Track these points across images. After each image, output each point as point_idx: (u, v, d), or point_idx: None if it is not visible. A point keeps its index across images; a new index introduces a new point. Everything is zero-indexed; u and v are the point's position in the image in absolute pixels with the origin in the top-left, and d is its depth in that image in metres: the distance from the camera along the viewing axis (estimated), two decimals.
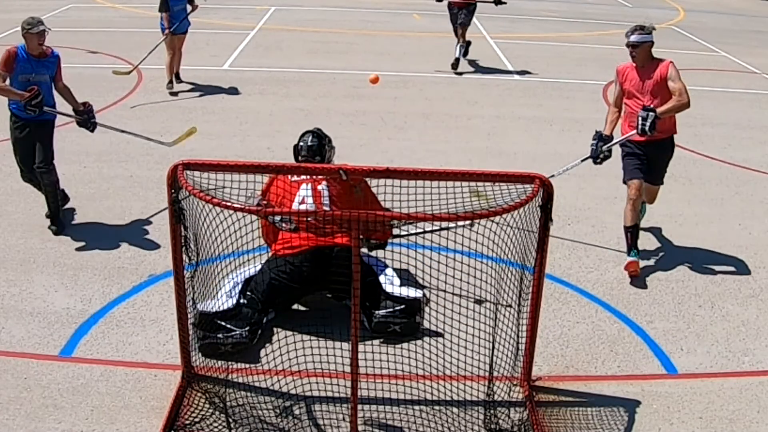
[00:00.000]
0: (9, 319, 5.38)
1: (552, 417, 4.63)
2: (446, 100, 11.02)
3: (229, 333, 4.99)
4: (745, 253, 6.80)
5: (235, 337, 4.99)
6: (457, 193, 4.15)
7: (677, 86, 6.01)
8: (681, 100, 5.99)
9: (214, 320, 5.00)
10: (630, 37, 6.12)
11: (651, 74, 6.12)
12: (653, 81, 6.10)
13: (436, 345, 4.85)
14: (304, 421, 4.48)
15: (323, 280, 5.26)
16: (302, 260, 5.26)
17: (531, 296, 4.53)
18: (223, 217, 4.20)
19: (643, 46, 6.10)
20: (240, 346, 5.01)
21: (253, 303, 5.20)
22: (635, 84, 6.19)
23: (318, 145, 5.69)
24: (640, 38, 6.08)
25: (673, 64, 6.09)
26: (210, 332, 4.96)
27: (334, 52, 13.63)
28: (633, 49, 6.13)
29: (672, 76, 6.04)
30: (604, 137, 6.31)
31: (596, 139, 6.32)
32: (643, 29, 6.10)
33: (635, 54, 6.13)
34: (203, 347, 4.93)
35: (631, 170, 6.27)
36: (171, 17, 10.55)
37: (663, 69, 6.09)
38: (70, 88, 6.79)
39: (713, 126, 10.32)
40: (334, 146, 5.89)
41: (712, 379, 5.05)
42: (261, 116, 9.98)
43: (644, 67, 6.16)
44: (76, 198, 7.33)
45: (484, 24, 16.70)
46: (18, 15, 15.54)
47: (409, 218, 4.44)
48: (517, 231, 4.50)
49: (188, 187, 4.01)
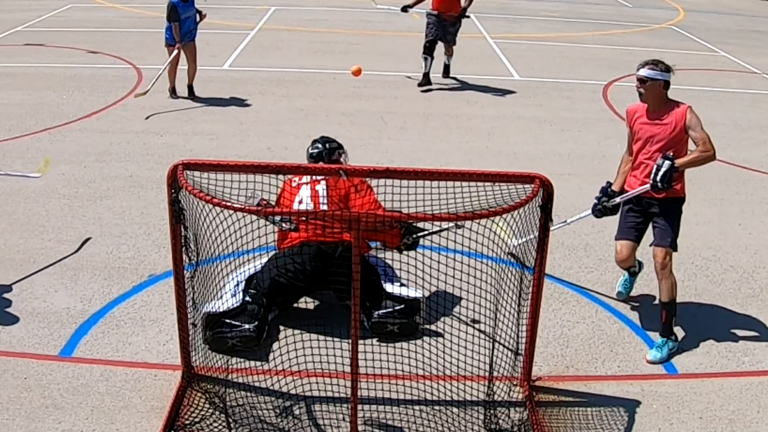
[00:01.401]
0: (9, 319, 5.38)
1: (552, 417, 4.63)
2: (446, 100, 11.02)
3: (237, 328, 5.02)
4: (745, 253, 6.81)
5: (243, 331, 5.01)
6: (457, 193, 4.15)
7: (700, 136, 5.08)
8: (706, 151, 5.05)
9: (221, 319, 5.03)
10: (639, 71, 5.17)
11: (665, 120, 5.18)
12: (667, 129, 5.18)
13: (436, 345, 4.85)
14: (304, 421, 4.48)
15: (326, 279, 5.26)
16: (305, 257, 5.26)
17: (531, 296, 4.53)
18: (223, 217, 4.20)
19: (654, 84, 5.14)
20: (247, 340, 5.02)
21: (257, 299, 5.21)
22: (645, 130, 5.27)
23: (319, 153, 5.71)
24: (650, 74, 5.13)
25: (691, 109, 5.18)
26: (218, 332, 4.99)
27: (334, 52, 13.63)
28: (641, 85, 5.18)
29: (692, 124, 5.11)
30: (609, 192, 5.45)
31: (601, 193, 5.47)
32: (657, 65, 5.15)
33: (643, 91, 5.19)
34: (212, 341, 4.96)
35: (622, 228, 5.50)
36: (180, 27, 10.03)
37: (679, 116, 5.16)
38: None
39: (713, 126, 10.23)
40: (345, 151, 5.85)
41: (712, 379, 5.05)
42: (261, 116, 9.98)
43: (656, 111, 5.23)
44: (76, 198, 7.34)
45: (484, 24, 16.71)
46: (18, 15, 15.63)
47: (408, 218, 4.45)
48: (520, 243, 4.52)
49: (188, 187, 4.01)
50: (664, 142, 5.17)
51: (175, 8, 9.98)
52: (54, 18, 15.79)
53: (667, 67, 5.16)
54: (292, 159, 5.85)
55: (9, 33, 14.14)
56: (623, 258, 5.48)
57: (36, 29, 14.53)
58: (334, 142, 5.83)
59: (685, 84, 12.38)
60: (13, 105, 10.04)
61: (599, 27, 17.59)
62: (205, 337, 4.96)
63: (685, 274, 6.37)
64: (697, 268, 6.51)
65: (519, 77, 12.52)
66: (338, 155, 5.76)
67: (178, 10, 9.98)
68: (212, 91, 10.88)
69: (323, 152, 5.71)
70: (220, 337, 4.97)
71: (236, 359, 4.78)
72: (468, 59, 13.09)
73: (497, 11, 18.95)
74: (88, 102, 10.23)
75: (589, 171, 8.48)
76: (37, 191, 7.42)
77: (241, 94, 10.90)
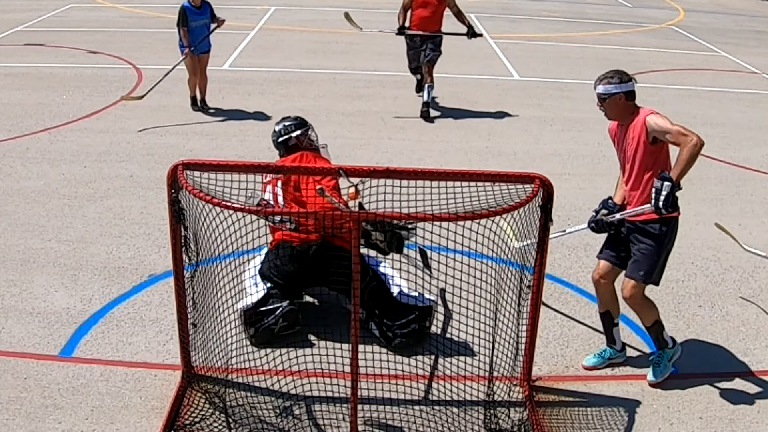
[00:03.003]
0: (9, 319, 5.38)
1: (552, 417, 4.63)
2: (446, 100, 11.01)
3: (275, 312, 5.10)
4: (745, 253, 6.79)
5: (283, 309, 5.11)
6: (457, 193, 4.15)
7: (673, 133, 4.44)
8: (687, 141, 4.36)
9: (257, 310, 5.12)
10: (597, 88, 4.67)
11: (629, 134, 4.67)
12: (632, 143, 4.65)
13: (436, 345, 4.85)
14: (304, 421, 4.48)
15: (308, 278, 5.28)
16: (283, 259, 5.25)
17: (531, 296, 4.53)
18: (223, 217, 4.20)
19: (614, 99, 4.62)
20: (289, 314, 5.12)
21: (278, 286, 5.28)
22: (619, 146, 4.82)
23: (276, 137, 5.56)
24: (607, 89, 4.62)
25: (651, 115, 4.56)
26: (258, 321, 5.09)
27: (334, 52, 13.63)
28: (601, 104, 4.69)
29: (656, 129, 4.50)
30: (609, 205, 4.91)
31: (601, 206, 4.94)
32: (612, 78, 4.64)
33: (603, 109, 4.71)
34: (259, 336, 5.08)
35: (603, 246, 5.02)
36: (190, 34, 9.54)
37: (639, 129, 4.59)
38: None
39: (713, 126, 10.32)
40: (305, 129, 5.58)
41: (712, 379, 5.05)
42: (261, 116, 9.98)
43: (624, 126, 4.72)
44: (76, 198, 7.34)
45: (484, 24, 16.70)
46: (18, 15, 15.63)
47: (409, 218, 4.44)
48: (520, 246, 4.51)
49: (188, 187, 4.01)
50: (639, 160, 4.65)
51: (185, 12, 9.58)
52: (54, 18, 15.79)
53: (624, 78, 4.64)
54: None
55: (9, 33, 14.14)
56: (598, 278, 4.94)
57: (36, 29, 14.54)
58: (286, 124, 5.55)
59: (685, 84, 12.39)
60: (13, 105, 10.05)
61: (599, 27, 17.59)
62: (248, 334, 5.09)
63: (685, 274, 6.37)
64: (697, 268, 6.51)
65: (519, 77, 12.52)
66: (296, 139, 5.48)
67: (187, 16, 9.57)
68: (212, 91, 10.86)
69: (278, 138, 5.53)
70: (264, 329, 5.08)
71: (236, 359, 4.78)
72: (468, 59, 13.10)
73: (497, 11, 18.96)
74: (88, 102, 10.24)
75: (589, 171, 8.49)
76: (37, 191, 7.42)
77: (241, 94, 10.90)
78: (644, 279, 4.71)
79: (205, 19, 9.71)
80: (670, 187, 4.30)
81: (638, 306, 4.82)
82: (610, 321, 5.07)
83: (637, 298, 4.76)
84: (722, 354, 5.33)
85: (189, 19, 9.53)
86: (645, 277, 4.71)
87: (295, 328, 5.17)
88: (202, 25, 9.69)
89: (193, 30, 9.58)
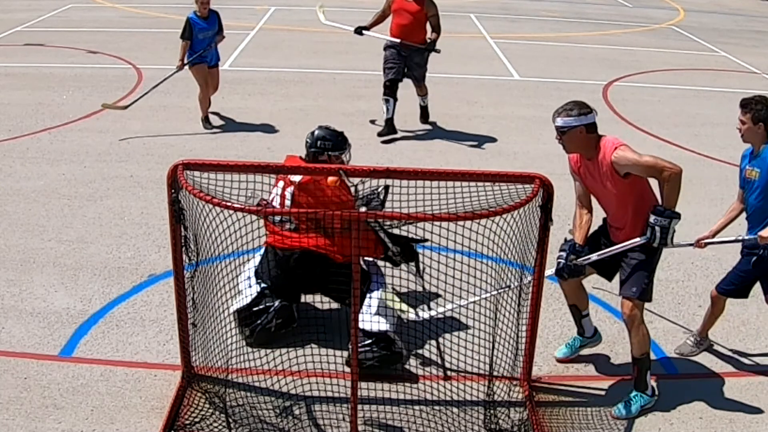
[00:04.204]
0: (9, 319, 5.38)
1: (552, 417, 4.63)
2: (446, 100, 11.01)
3: (269, 310, 5.10)
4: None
5: (276, 306, 5.10)
6: (457, 193, 4.15)
7: (646, 167, 4.30)
8: (666, 176, 4.26)
9: (251, 310, 5.12)
10: (555, 120, 4.44)
11: (598, 169, 4.47)
12: (605, 179, 4.46)
13: (436, 345, 4.85)
14: (304, 421, 4.48)
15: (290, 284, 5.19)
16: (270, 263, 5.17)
17: (531, 296, 4.53)
18: (223, 217, 4.20)
19: (573, 133, 4.40)
20: (283, 310, 5.12)
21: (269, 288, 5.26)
22: (590, 181, 4.61)
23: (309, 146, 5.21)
24: (566, 122, 4.39)
25: (617, 150, 4.34)
26: (253, 322, 5.09)
27: (334, 52, 13.63)
28: (560, 137, 4.47)
29: (625, 164, 4.31)
30: (577, 249, 4.65)
31: (568, 250, 4.64)
32: (572, 110, 4.39)
33: (562, 142, 4.49)
34: (258, 337, 5.07)
35: None
36: (196, 45, 8.98)
37: (606, 164, 4.39)
38: None
39: (713, 126, 10.31)
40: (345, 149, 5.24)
41: (712, 379, 5.05)
42: (261, 116, 9.98)
43: (591, 160, 4.50)
44: (76, 198, 7.34)
45: (484, 24, 16.71)
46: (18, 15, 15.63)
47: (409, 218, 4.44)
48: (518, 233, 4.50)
49: (188, 187, 4.01)
50: (618, 196, 4.49)
51: (189, 24, 8.97)
52: (54, 18, 15.78)
53: (583, 110, 4.41)
54: None
55: (9, 33, 14.13)
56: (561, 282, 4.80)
57: (36, 29, 14.53)
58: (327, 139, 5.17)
59: (685, 84, 12.39)
60: (13, 105, 10.05)
61: (599, 27, 17.58)
62: (243, 334, 5.08)
63: (685, 274, 6.37)
64: (697, 268, 6.51)
65: (519, 77, 12.51)
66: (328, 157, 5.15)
67: (192, 27, 8.95)
68: None
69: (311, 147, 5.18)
70: (261, 330, 5.07)
71: (236, 359, 4.78)
72: (468, 59, 13.11)
73: (497, 11, 18.96)
74: (88, 102, 10.23)
75: None
76: (37, 191, 7.43)
77: (241, 94, 10.90)
78: (639, 295, 4.53)
79: (212, 29, 9.11)
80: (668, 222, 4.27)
81: (635, 328, 4.57)
82: (578, 313, 5.08)
83: (637, 315, 4.55)
84: (722, 354, 5.33)
85: (195, 31, 8.95)
86: (639, 293, 4.53)
87: (292, 324, 5.16)
88: (210, 35, 9.11)
89: (201, 41, 9.03)
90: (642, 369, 4.66)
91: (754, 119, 4.66)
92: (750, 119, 4.67)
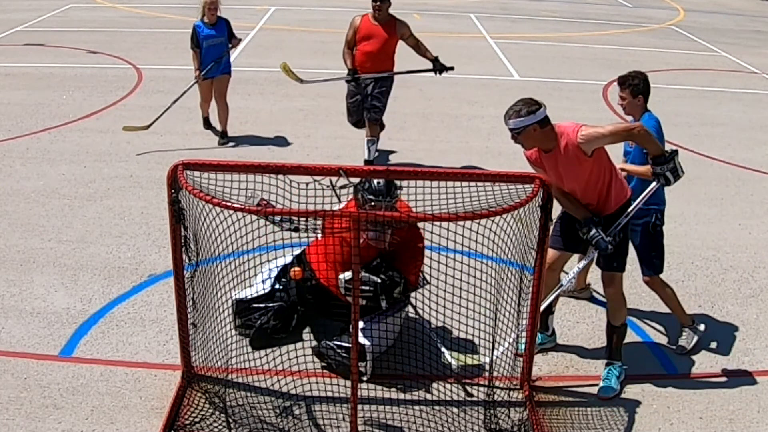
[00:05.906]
0: (9, 319, 5.38)
1: (552, 417, 4.63)
2: (446, 100, 11.01)
3: (266, 311, 5.11)
4: (745, 253, 6.81)
5: (274, 308, 5.10)
6: (457, 193, 4.15)
7: (607, 133, 4.41)
8: (632, 129, 4.49)
9: (251, 305, 5.12)
10: (507, 123, 4.47)
11: (563, 158, 4.52)
12: (572, 166, 4.52)
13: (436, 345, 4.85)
14: (304, 421, 4.48)
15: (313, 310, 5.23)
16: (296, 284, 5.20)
17: (531, 296, 4.53)
18: (223, 217, 4.20)
19: (527, 132, 4.44)
20: (278, 312, 5.10)
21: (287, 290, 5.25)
22: (552, 171, 4.59)
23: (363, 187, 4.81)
24: (517, 123, 4.42)
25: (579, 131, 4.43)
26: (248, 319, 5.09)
27: (334, 52, 13.58)
28: (515, 138, 4.51)
29: (591, 140, 4.39)
30: (595, 221, 4.65)
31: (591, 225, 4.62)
32: (520, 111, 4.41)
33: (519, 142, 4.54)
34: (254, 340, 5.04)
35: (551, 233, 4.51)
36: (204, 55, 8.50)
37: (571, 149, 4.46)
38: None
39: (713, 126, 10.32)
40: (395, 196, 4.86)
41: (712, 379, 5.05)
42: (261, 116, 9.98)
43: (550, 151, 4.55)
44: (76, 198, 7.34)
45: (484, 24, 16.71)
46: (18, 15, 15.63)
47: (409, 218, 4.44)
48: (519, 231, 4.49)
49: (188, 187, 4.01)
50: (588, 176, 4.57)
51: (195, 32, 8.53)
52: (54, 18, 15.78)
53: (532, 107, 4.42)
54: (292, 159, 5.84)
55: (9, 33, 14.13)
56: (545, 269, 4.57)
57: (36, 29, 14.53)
58: (384, 194, 4.73)
59: (686, 84, 12.39)
60: (13, 105, 10.04)
61: (599, 27, 17.59)
62: (235, 323, 5.08)
63: (685, 274, 6.37)
64: (697, 268, 6.51)
65: (519, 77, 12.51)
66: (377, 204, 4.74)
67: (198, 35, 8.50)
68: None
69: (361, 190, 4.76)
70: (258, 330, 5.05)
71: (236, 359, 4.78)
72: (468, 59, 13.10)
73: (497, 11, 18.96)
74: (88, 102, 10.23)
75: None
76: (37, 191, 7.43)
77: (241, 94, 10.89)
78: (617, 267, 4.80)
79: (221, 37, 8.56)
80: (677, 156, 4.51)
81: (616, 301, 4.86)
82: (548, 309, 5.08)
83: (617, 287, 4.84)
84: (722, 354, 5.33)
85: (201, 39, 8.47)
86: (618, 266, 4.80)
87: (289, 329, 5.12)
88: (218, 44, 8.57)
89: (209, 50, 8.53)
90: (621, 337, 4.92)
91: (634, 93, 5.03)
92: (629, 94, 5.04)
